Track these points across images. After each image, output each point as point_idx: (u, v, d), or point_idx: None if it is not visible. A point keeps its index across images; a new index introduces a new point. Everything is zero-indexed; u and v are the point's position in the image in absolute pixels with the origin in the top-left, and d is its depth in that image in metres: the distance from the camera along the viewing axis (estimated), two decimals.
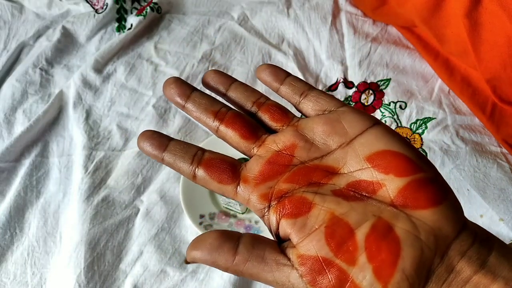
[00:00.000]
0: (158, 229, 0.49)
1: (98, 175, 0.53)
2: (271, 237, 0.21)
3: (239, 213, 0.50)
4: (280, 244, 0.20)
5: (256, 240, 0.20)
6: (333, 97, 0.24)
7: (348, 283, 0.17)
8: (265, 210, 0.21)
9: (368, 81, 0.59)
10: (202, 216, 0.49)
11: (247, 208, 0.50)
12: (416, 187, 0.19)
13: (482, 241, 0.19)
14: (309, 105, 0.24)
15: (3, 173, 0.53)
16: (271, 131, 0.24)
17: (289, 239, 0.20)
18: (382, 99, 0.58)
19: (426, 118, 0.55)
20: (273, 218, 0.20)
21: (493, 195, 0.48)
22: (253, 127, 0.23)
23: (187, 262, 0.20)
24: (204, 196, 0.51)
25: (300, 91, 0.24)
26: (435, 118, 0.55)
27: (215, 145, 0.52)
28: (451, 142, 0.52)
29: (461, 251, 0.18)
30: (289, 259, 0.19)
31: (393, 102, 0.57)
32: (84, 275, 0.45)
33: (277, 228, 0.20)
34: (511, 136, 0.51)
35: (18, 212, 0.51)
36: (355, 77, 0.60)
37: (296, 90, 0.24)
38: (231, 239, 0.20)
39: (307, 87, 0.24)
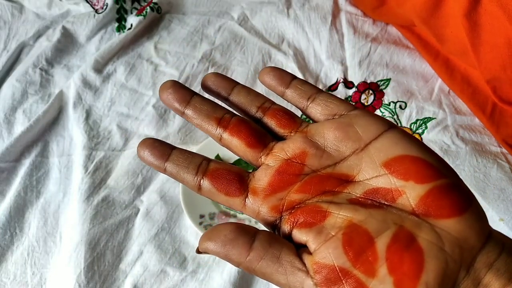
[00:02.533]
0: (158, 229, 0.49)
1: (98, 175, 0.53)
2: None
3: (239, 213, 0.50)
4: (297, 249, 0.19)
5: (273, 239, 0.19)
6: (343, 100, 0.22)
7: None
8: (276, 222, 0.20)
9: (368, 81, 0.59)
10: (202, 216, 0.49)
11: None
12: (439, 195, 0.18)
13: (510, 251, 0.18)
14: (318, 110, 0.22)
15: (3, 173, 0.53)
16: (278, 138, 0.22)
17: (305, 246, 0.19)
18: (382, 99, 0.58)
19: (426, 118, 0.55)
20: (285, 230, 0.19)
21: (493, 195, 0.48)
22: (259, 134, 0.22)
23: (198, 252, 0.19)
24: (204, 196, 0.51)
25: (307, 95, 0.23)
26: (435, 118, 0.55)
27: (214, 146, 0.52)
28: (451, 142, 0.52)
29: (488, 263, 0.17)
30: (304, 265, 0.18)
31: (393, 102, 0.57)
32: (84, 275, 0.45)
33: (290, 239, 0.19)
34: (511, 136, 0.51)
35: (18, 212, 0.51)
36: (355, 77, 0.60)
37: (303, 93, 0.23)
38: (247, 233, 0.19)
39: (314, 90, 0.23)
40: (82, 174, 0.52)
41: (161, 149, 0.21)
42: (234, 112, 0.23)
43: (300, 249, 0.19)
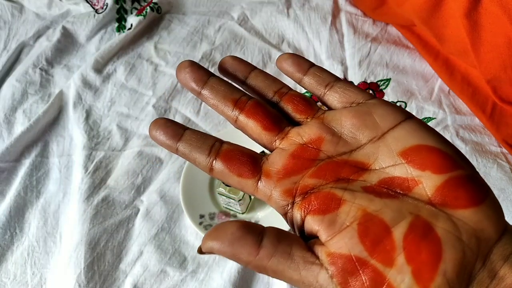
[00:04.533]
0: (158, 229, 0.49)
1: (98, 175, 0.53)
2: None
3: (239, 213, 0.50)
4: (307, 241, 0.18)
5: (282, 235, 0.18)
6: (360, 89, 0.22)
7: (384, 286, 0.16)
8: (288, 207, 0.19)
9: (368, 81, 0.59)
10: (202, 216, 0.49)
11: (247, 208, 0.50)
12: (455, 185, 0.18)
13: None
14: (335, 97, 0.22)
15: (3, 173, 0.53)
16: (294, 123, 0.22)
17: (316, 237, 0.18)
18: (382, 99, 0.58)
19: (426, 118, 0.55)
20: (297, 215, 0.19)
21: None
22: (276, 118, 0.22)
23: (201, 252, 0.19)
24: (204, 196, 0.51)
25: (325, 82, 0.23)
26: (435, 118, 0.55)
27: None
28: (451, 142, 0.52)
29: (504, 255, 0.17)
30: (317, 258, 0.17)
31: (393, 102, 0.57)
32: (84, 275, 0.45)
33: (302, 226, 0.19)
34: (511, 136, 0.51)
35: (18, 212, 0.51)
36: (355, 77, 0.60)
37: (321, 81, 0.23)
38: (254, 231, 0.18)
39: (332, 78, 0.23)
40: (82, 174, 0.52)
41: (174, 128, 0.21)
42: (251, 95, 0.23)
43: (311, 241, 0.18)
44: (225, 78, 0.24)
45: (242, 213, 0.50)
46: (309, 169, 0.20)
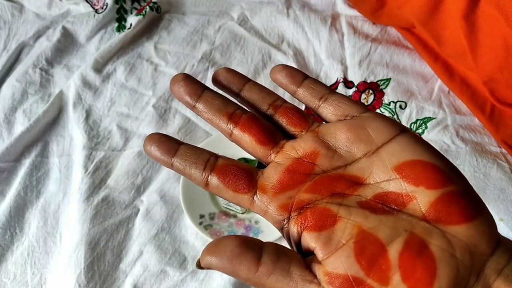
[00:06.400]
0: (158, 229, 0.49)
1: (98, 175, 0.53)
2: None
3: (239, 213, 0.50)
4: (304, 256, 0.19)
5: (281, 252, 0.18)
6: (355, 101, 0.22)
7: None
8: (285, 222, 0.19)
9: (368, 81, 0.59)
10: (202, 216, 0.49)
11: None
12: (449, 201, 0.18)
13: None
14: (330, 110, 0.22)
15: (3, 173, 0.53)
16: (289, 136, 0.22)
17: (313, 254, 0.18)
18: (382, 98, 0.58)
19: (426, 118, 0.55)
20: (294, 230, 0.19)
21: (493, 195, 0.48)
22: (270, 131, 0.22)
23: (200, 267, 0.19)
24: (204, 196, 0.51)
25: (319, 95, 0.23)
26: (435, 118, 0.55)
27: (214, 146, 0.52)
28: (451, 142, 0.52)
29: (497, 269, 0.17)
30: (315, 276, 0.17)
31: (393, 102, 0.57)
32: (84, 275, 0.45)
33: (298, 241, 0.19)
34: (510, 137, 0.51)
35: (18, 212, 0.51)
36: (355, 77, 0.60)
37: (315, 93, 0.23)
38: (253, 247, 0.18)
39: (327, 91, 0.23)
40: (82, 174, 0.52)
41: (169, 144, 0.21)
42: (245, 108, 0.23)
43: (308, 258, 0.18)
44: (219, 91, 0.24)
45: (242, 213, 0.50)
46: (304, 183, 0.20)
